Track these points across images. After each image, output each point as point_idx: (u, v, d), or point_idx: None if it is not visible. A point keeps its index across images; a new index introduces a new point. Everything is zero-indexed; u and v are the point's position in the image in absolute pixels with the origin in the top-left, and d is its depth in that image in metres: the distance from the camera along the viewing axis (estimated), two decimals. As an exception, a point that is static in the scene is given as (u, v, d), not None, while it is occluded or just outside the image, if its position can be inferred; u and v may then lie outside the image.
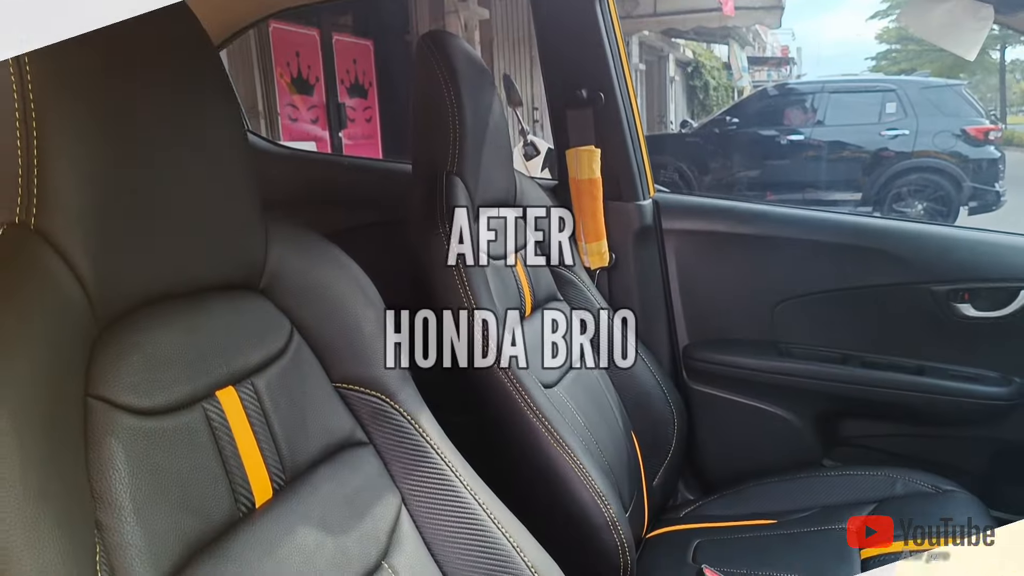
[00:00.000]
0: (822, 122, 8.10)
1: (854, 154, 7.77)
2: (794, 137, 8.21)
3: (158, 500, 0.58)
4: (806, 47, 59.52)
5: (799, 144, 8.14)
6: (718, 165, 8.72)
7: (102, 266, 0.59)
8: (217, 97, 0.72)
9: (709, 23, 11.10)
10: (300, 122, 6.16)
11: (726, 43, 15.44)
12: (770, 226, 1.63)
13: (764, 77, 21.13)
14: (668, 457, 1.52)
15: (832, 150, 7.92)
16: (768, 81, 18.66)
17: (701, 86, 19.00)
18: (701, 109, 18.73)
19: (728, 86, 19.26)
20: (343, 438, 0.81)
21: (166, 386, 0.62)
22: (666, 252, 1.67)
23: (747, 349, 1.64)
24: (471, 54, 1.31)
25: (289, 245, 0.82)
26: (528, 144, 3.27)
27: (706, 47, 18.29)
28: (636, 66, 14.94)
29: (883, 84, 8.07)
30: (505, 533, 0.86)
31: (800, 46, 27.06)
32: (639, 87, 15.40)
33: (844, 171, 7.82)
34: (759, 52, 21.54)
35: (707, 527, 1.43)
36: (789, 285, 1.63)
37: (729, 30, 13.17)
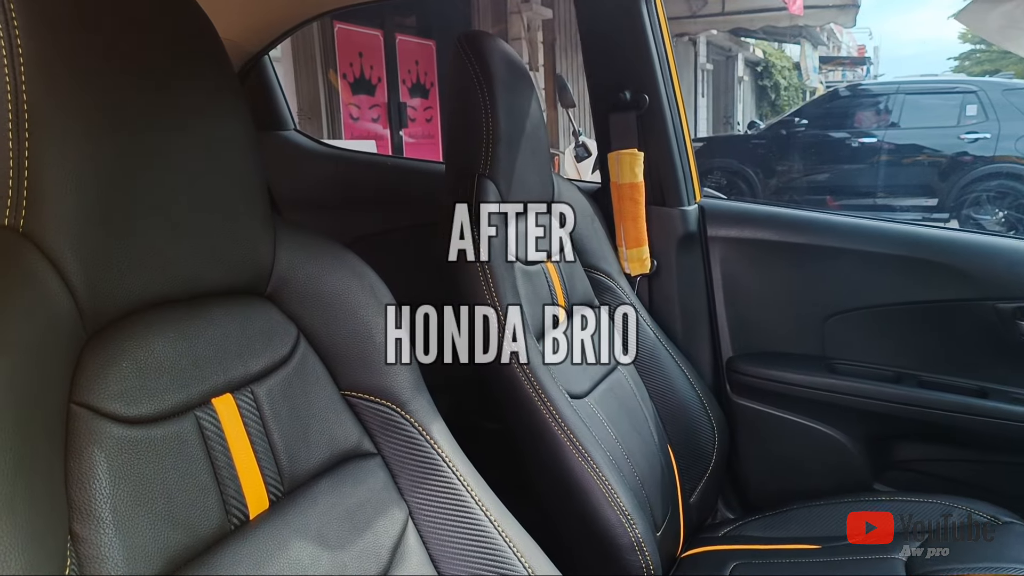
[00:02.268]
0: (896, 124, 7.78)
1: (930, 158, 7.44)
2: (866, 140, 7.92)
3: (140, 512, 0.57)
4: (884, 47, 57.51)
5: (871, 147, 7.83)
6: (784, 168, 8.47)
7: (93, 271, 0.58)
8: (223, 95, 0.70)
9: (778, 22, 10.80)
10: (362, 121, 6.24)
11: (797, 42, 15.01)
12: (823, 235, 1.55)
13: (839, 77, 20.48)
14: (707, 473, 1.47)
15: (907, 153, 7.59)
16: (842, 82, 18.07)
17: (771, 86, 18.55)
18: (771, 110, 18.29)
19: (799, 86, 18.74)
20: (349, 448, 0.79)
21: (155, 394, 0.61)
22: (711, 260, 1.61)
23: (795, 364, 1.57)
24: (509, 56, 1.28)
25: (299, 250, 0.80)
26: (580, 146, 3.23)
27: (777, 46, 17.84)
28: (703, 66, 14.68)
29: (964, 85, 7.69)
30: (515, 551, 0.83)
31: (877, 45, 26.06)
32: (705, 87, 15.12)
33: (919, 176, 7.49)
34: (833, 52, 20.88)
35: (746, 549, 1.37)
36: (841, 298, 1.54)
37: (800, 29, 12.79)
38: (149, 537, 0.57)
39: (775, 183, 8.34)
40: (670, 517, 1.33)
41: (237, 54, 1.71)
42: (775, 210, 1.63)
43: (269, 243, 0.76)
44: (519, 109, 1.27)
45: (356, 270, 0.84)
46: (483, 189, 1.18)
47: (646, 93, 1.50)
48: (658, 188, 1.56)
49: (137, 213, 0.61)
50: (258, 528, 0.66)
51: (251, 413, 0.69)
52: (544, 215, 1.37)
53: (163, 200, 0.63)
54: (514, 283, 1.17)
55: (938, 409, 1.44)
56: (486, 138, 1.20)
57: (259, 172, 0.74)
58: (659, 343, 1.47)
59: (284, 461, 0.71)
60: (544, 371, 1.12)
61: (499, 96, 1.20)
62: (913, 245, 1.50)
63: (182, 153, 0.65)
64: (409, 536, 0.81)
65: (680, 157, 1.57)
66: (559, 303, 1.30)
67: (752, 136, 9.15)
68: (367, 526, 0.75)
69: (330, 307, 0.80)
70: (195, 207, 0.66)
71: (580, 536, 1.10)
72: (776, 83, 18.44)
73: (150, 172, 0.62)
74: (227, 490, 0.65)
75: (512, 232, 1.24)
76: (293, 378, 0.75)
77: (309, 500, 0.71)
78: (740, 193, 8.30)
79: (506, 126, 1.22)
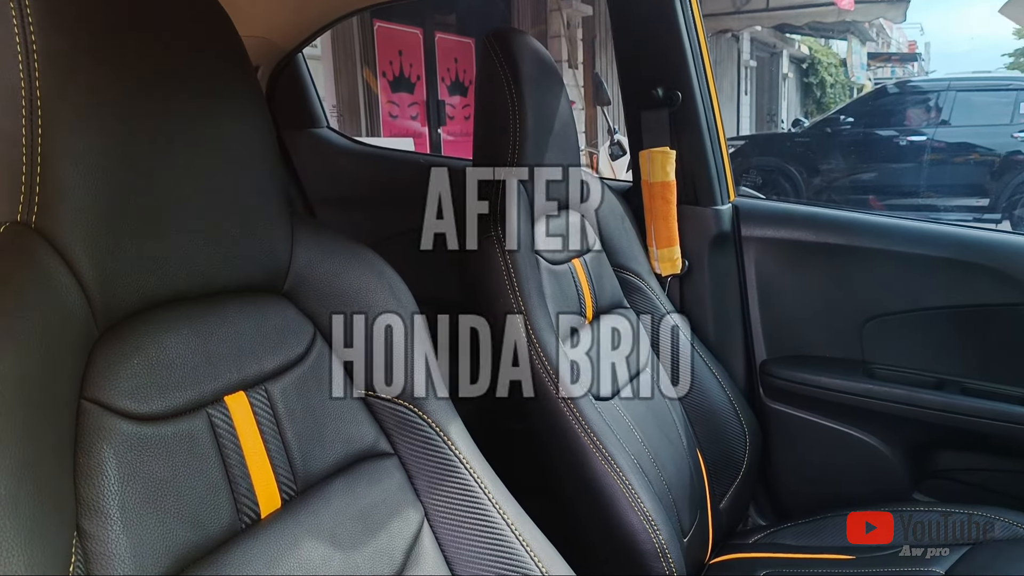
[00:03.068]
0: (947, 122, 7.55)
1: (982, 157, 7.21)
2: (915, 138, 7.70)
3: (149, 509, 0.57)
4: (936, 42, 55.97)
5: (920, 146, 7.61)
6: (829, 167, 8.28)
7: (105, 268, 0.58)
8: (241, 93, 0.70)
9: (825, 18, 10.57)
10: (401, 119, 6.28)
11: (844, 38, 14.68)
12: (862, 236, 1.50)
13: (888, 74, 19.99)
14: (738, 478, 1.43)
15: (957, 152, 7.37)
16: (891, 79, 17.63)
17: (816, 83, 18.18)
18: (816, 108, 17.92)
19: (846, 84, 18.34)
20: (364, 448, 0.79)
21: (167, 391, 0.61)
22: (745, 261, 1.57)
23: (832, 368, 1.52)
24: (539, 53, 1.27)
25: (317, 247, 0.79)
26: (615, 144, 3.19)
27: (823, 43, 17.47)
28: (746, 63, 14.46)
29: (1018, 82, 7.44)
30: (532, 554, 0.81)
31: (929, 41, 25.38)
32: (749, 84, 14.89)
33: (970, 175, 7.27)
34: (883, 48, 20.39)
35: (777, 557, 1.34)
36: (881, 301, 1.50)
37: (848, 25, 12.51)
38: (157, 535, 0.57)
39: (819, 182, 8.16)
40: (698, 523, 1.30)
41: (271, 52, 1.72)
42: (812, 210, 1.58)
43: (286, 241, 0.76)
44: (548, 107, 1.26)
45: (375, 268, 0.83)
46: (509, 187, 1.16)
47: (679, 90, 1.47)
48: (691, 187, 1.53)
49: (151, 210, 0.61)
50: (269, 527, 0.65)
51: (264, 411, 0.69)
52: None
53: (177, 197, 0.63)
54: (539, 282, 1.15)
55: (982, 417, 1.39)
56: (513, 135, 1.19)
57: (277, 170, 0.74)
58: (689, 345, 1.44)
59: (297, 460, 0.71)
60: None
61: (527, 93, 1.19)
62: (957, 247, 1.45)
63: (198, 150, 0.65)
64: (424, 538, 0.80)
65: (714, 155, 1.53)
66: (586, 303, 1.28)
67: (796, 134, 8.97)
68: (381, 527, 0.74)
69: (347, 305, 0.80)
70: (211, 205, 0.66)
71: (603, 541, 1.08)
72: (822, 80, 18.06)
73: (165, 169, 0.62)
74: (238, 488, 0.64)
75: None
76: (308, 376, 0.74)
77: (322, 500, 0.71)
78: (783, 192, 8.14)
79: (534, 123, 1.21)
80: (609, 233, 1.42)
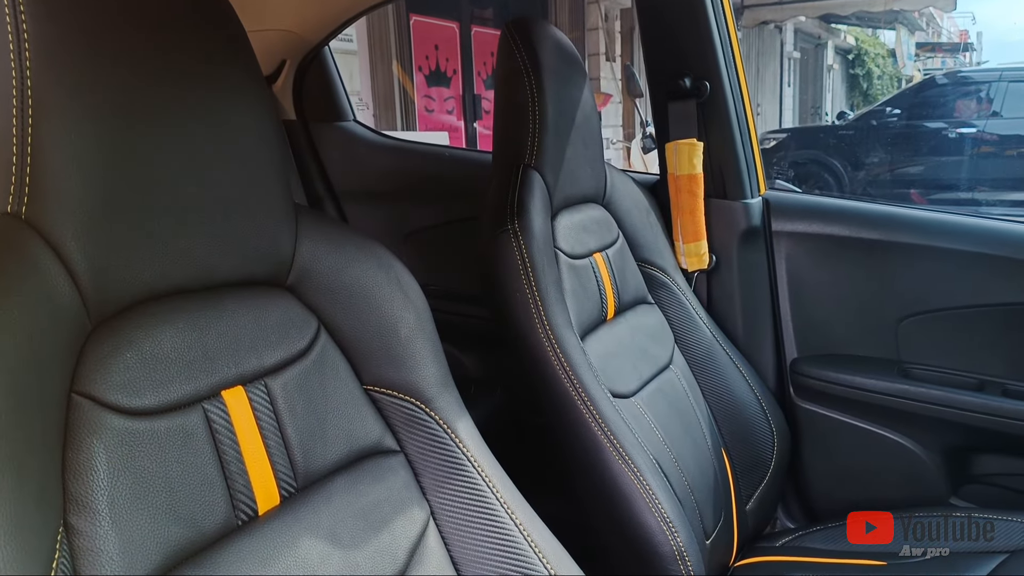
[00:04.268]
0: (998, 114, 7.28)
1: (1036, 150, 6.96)
2: (965, 130, 7.44)
3: (139, 505, 0.56)
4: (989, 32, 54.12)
5: (970, 138, 7.37)
6: (875, 160, 8.07)
7: (98, 260, 0.57)
8: (242, 80, 0.68)
9: (872, 7, 10.30)
10: (437, 113, 6.29)
11: (892, 28, 14.28)
12: (898, 231, 1.44)
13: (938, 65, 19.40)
14: (765, 480, 1.39)
15: (1009, 145, 7.10)
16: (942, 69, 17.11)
17: (863, 75, 17.73)
18: (863, 100, 17.49)
19: (895, 75, 17.85)
20: (369, 445, 0.77)
21: (161, 385, 0.60)
22: (775, 256, 1.52)
23: (866, 368, 1.47)
24: (561, 43, 1.25)
25: (323, 240, 0.78)
26: (647, 137, 3.15)
27: (871, 33, 17.03)
28: (790, 54, 14.18)
29: (1075, 72, 7.15)
30: (541, 556, 0.79)
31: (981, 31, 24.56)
32: (792, 76, 14.60)
33: (1022, 168, 7.01)
34: (933, 38, 19.80)
35: (804, 561, 1.30)
36: (918, 299, 1.44)
37: (896, 14, 12.17)
38: (148, 531, 0.56)
39: (863, 176, 7.95)
40: (722, 525, 1.27)
41: (298, 45, 1.72)
42: (846, 203, 1.53)
43: (290, 233, 0.75)
44: (569, 98, 1.23)
45: (382, 262, 0.82)
46: (528, 180, 1.14)
47: (707, 80, 1.43)
48: (719, 180, 1.49)
49: (146, 201, 0.60)
50: (266, 524, 0.64)
51: (264, 407, 0.67)
52: (602, 211, 1.33)
53: (175, 189, 0.62)
54: (557, 277, 1.13)
55: (1024, 420, 1.33)
56: (533, 128, 1.17)
57: (281, 163, 0.73)
58: (716, 342, 1.41)
59: (298, 456, 0.70)
60: (585, 368, 1.08)
61: (547, 84, 1.17)
62: (998, 242, 1.38)
63: (197, 143, 0.64)
64: (430, 537, 0.78)
65: (743, 148, 1.49)
66: (608, 298, 1.25)
67: (840, 127, 8.76)
68: (384, 525, 0.73)
69: (353, 299, 0.78)
70: (210, 197, 0.65)
71: (620, 542, 1.06)
72: (869, 71, 17.60)
73: (162, 161, 0.61)
74: (235, 485, 0.63)
75: (560, 224, 1.21)
76: (311, 372, 0.73)
77: (323, 497, 0.70)
78: (825, 187, 7.96)
79: (554, 115, 1.18)
80: (633, 227, 1.39)
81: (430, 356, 0.83)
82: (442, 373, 0.84)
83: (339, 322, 0.78)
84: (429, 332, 0.83)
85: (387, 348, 0.80)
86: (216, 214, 0.66)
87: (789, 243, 1.52)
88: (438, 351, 0.84)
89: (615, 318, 1.27)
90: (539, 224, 1.11)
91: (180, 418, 0.60)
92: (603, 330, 1.23)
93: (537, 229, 1.10)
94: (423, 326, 0.83)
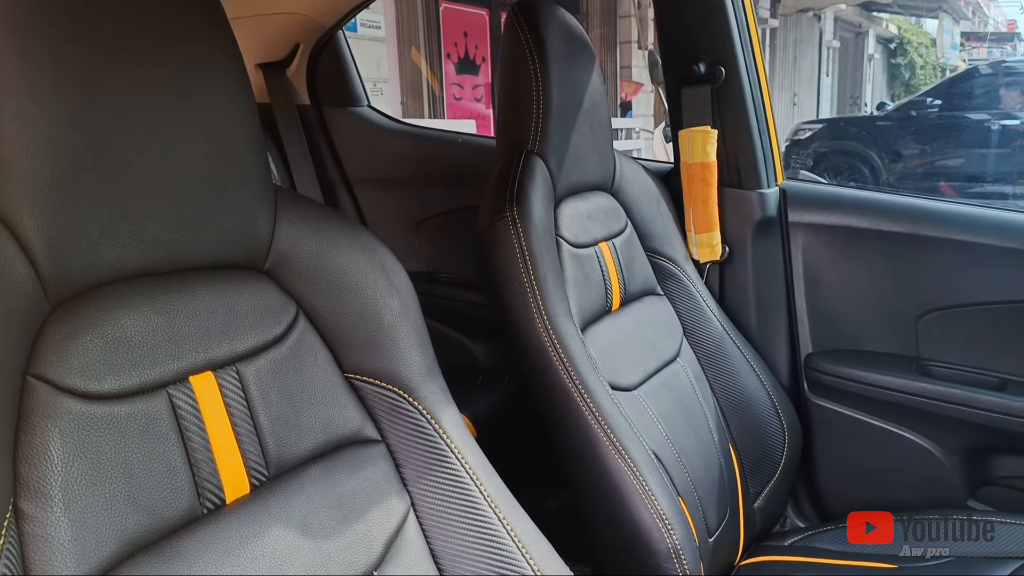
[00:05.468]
0: (1045, 105, 7.06)
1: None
2: (1008, 122, 7.22)
3: (95, 492, 0.55)
4: (1040, 21, 52.38)
5: (1014, 130, 7.14)
6: (913, 152, 7.87)
7: (57, 239, 0.56)
8: (217, 60, 0.67)
9: (914, -6, 10.02)
10: (465, 101, 6.26)
11: (936, 16, 13.90)
12: (920, 223, 1.39)
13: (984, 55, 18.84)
14: (775, 477, 1.36)
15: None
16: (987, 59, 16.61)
17: (905, 64, 17.31)
18: (904, 90, 17.07)
19: (938, 65, 17.39)
20: (348, 434, 0.75)
21: (122, 370, 0.58)
22: (791, 248, 1.48)
23: (883, 364, 1.43)
24: (568, 25, 1.21)
25: (303, 224, 0.76)
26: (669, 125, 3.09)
27: (913, 21, 16.59)
28: (829, 43, 13.88)
29: None
30: (524, 552, 0.77)
31: (1031, 19, 23.75)
32: (831, 66, 14.29)
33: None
34: (978, 27, 19.25)
35: (812, 562, 1.26)
36: (940, 294, 1.39)
37: (940, 2, 11.84)
38: (103, 519, 0.55)
39: (901, 168, 7.76)
40: (727, 522, 1.23)
41: (311, 29, 1.71)
42: (866, 194, 1.48)
43: (268, 216, 0.73)
44: (576, 82, 1.20)
45: (366, 246, 0.80)
46: (529, 166, 1.12)
47: (722, 65, 1.38)
48: (734, 169, 1.45)
49: (110, 180, 0.59)
50: (233, 513, 0.63)
51: (235, 393, 0.66)
52: (609, 199, 1.30)
53: (142, 167, 0.60)
54: (557, 266, 1.10)
55: (1049, 422, 1.27)
56: (536, 112, 1.14)
57: (259, 143, 0.71)
58: (726, 335, 1.37)
59: (271, 445, 0.68)
60: (583, 360, 1.05)
61: (552, 68, 1.14)
62: None
63: (166, 121, 0.62)
64: (409, 529, 0.76)
65: (760, 135, 1.45)
66: (613, 289, 1.22)
67: (878, 117, 8.55)
68: (359, 516, 0.71)
69: (334, 285, 0.76)
70: (180, 176, 0.63)
71: (614, 538, 1.03)
72: (911, 61, 17.17)
73: (128, 138, 0.59)
74: (200, 472, 0.62)
75: (562, 211, 1.18)
76: (287, 358, 0.71)
77: (295, 486, 0.68)
78: (861, 179, 7.79)
79: (559, 100, 1.15)
80: (643, 216, 1.36)
81: (414, 344, 0.80)
82: (427, 362, 0.82)
83: (319, 308, 0.76)
84: (414, 319, 0.81)
85: (369, 335, 0.78)
86: (186, 194, 0.64)
87: (806, 235, 1.47)
88: (423, 339, 0.82)
89: (620, 309, 1.24)
90: (539, 211, 1.08)
91: (142, 403, 0.59)
92: (607, 321, 1.20)
93: (537, 216, 1.07)
94: (408, 313, 0.80)
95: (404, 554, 0.75)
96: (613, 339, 1.18)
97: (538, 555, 0.78)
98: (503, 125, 1.19)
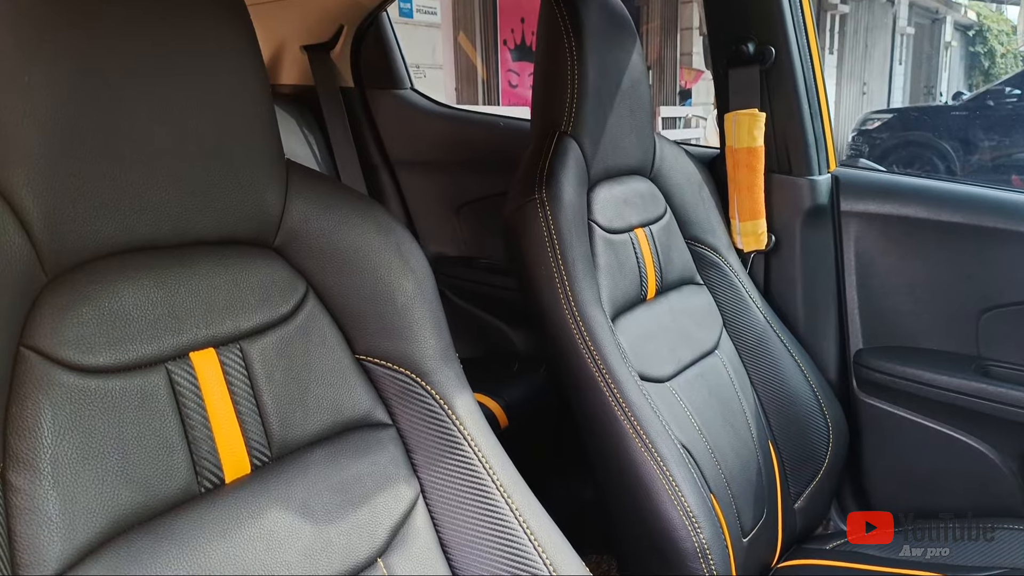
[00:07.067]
0: None
1: None
2: (1094, 112, 6.82)
3: (87, 466, 0.54)
4: None
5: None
6: (990, 144, 7.50)
7: (55, 210, 0.55)
8: (224, 32, 0.65)
9: (996, -22, 9.52)
10: (520, 88, 6.22)
11: (1018, 3, 13.21)
12: (983, 214, 1.30)
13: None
14: (818, 477, 1.30)
15: None
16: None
17: (984, 53, 16.52)
18: (983, 80, 16.30)
19: (1020, 53, 16.54)
20: (357, 417, 0.74)
21: (118, 343, 0.58)
22: (843, 238, 1.41)
23: (940, 363, 1.35)
24: (610, 5, 1.17)
25: (315, 200, 0.74)
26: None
27: (994, 8, 15.81)
28: (903, 30, 13.35)
29: None
30: (537, 546, 0.74)
31: None
32: (904, 54, 13.74)
33: None
34: (1067, 12, 18.17)
35: (852, 568, 1.20)
36: (1003, 289, 1.30)
37: (1025, -14, 11.23)
38: (94, 493, 0.54)
39: (976, 160, 7.41)
40: (764, 522, 1.18)
41: (356, 10, 1.70)
42: (925, 183, 1.39)
43: (279, 192, 0.71)
44: (614, 63, 1.16)
45: (381, 225, 0.77)
46: (562, 148, 1.08)
47: (772, 45, 1.32)
48: (784, 154, 1.39)
49: (112, 150, 0.58)
50: (232, 493, 0.62)
51: (238, 371, 0.65)
52: (647, 184, 1.25)
53: (145, 138, 0.59)
54: (587, 251, 1.07)
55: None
56: (571, 92, 1.10)
57: (268, 119, 0.69)
58: (770, 328, 1.31)
59: (275, 425, 0.67)
60: (612, 349, 1.02)
61: (589, 48, 1.10)
62: None
63: (175, 91, 0.61)
64: (417, 516, 0.74)
65: (812, 120, 1.38)
66: (648, 276, 1.18)
67: (952, 107, 8.18)
68: (364, 501, 0.69)
69: (347, 264, 0.75)
70: (187, 148, 0.62)
71: (639, 534, 1.00)
72: (991, 49, 16.38)
73: (132, 108, 0.58)
74: (198, 450, 0.61)
75: (597, 195, 1.14)
76: (294, 337, 0.70)
77: (298, 468, 0.67)
78: (934, 170, 7.47)
79: (596, 81, 1.12)
80: (683, 202, 1.31)
81: (429, 327, 0.78)
82: (442, 345, 0.79)
83: (330, 287, 0.74)
84: (430, 301, 0.79)
85: (381, 316, 0.76)
86: (192, 167, 0.63)
87: (859, 224, 1.40)
88: (439, 322, 0.80)
89: (656, 298, 1.20)
90: (570, 194, 1.05)
91: (138, 378, 0.58)
92: (640, 310, 1.16)
93: (567, 199, 1.04)
94: (423, 294, 0.78)
95: (411, 542, 0.73)
96: (647, 328, 1.14)
97: (553, 551, 0.75)
98: (538, 106, 1.16)
